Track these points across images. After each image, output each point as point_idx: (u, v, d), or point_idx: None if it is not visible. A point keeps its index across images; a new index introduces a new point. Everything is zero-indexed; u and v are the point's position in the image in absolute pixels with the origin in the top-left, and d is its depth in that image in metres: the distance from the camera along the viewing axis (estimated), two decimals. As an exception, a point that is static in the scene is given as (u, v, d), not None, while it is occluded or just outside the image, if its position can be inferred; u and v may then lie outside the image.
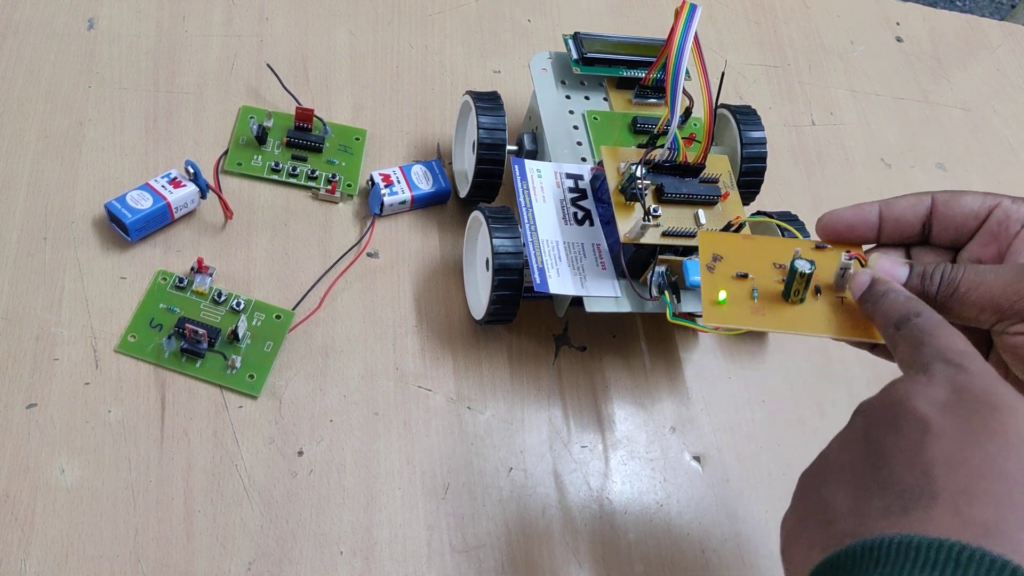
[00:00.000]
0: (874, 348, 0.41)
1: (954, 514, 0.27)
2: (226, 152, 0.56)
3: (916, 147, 0.70)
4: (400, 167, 0.57)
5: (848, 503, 0.30)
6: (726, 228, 0.47)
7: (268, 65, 0.60)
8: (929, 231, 0.39)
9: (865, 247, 0.40)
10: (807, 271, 0.38)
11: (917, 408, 0.30)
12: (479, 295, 0.52)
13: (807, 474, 0.34)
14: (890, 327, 0.35)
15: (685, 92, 0.48)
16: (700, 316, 0.40)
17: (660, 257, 0.47)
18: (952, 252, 0.39)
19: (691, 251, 0.47)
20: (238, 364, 0.48)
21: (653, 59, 0.54)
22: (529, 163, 0.51)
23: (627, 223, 0.47)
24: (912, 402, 0.30)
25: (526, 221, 0.49)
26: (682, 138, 0.48)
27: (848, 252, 0.38)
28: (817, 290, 0.39)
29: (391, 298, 0.53)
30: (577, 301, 0.49)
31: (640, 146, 0.51)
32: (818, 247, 0.40)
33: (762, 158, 0.54)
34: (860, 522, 0.29)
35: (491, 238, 0.48)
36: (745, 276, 0.39)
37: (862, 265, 0.38)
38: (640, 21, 0.71)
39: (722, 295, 0.39)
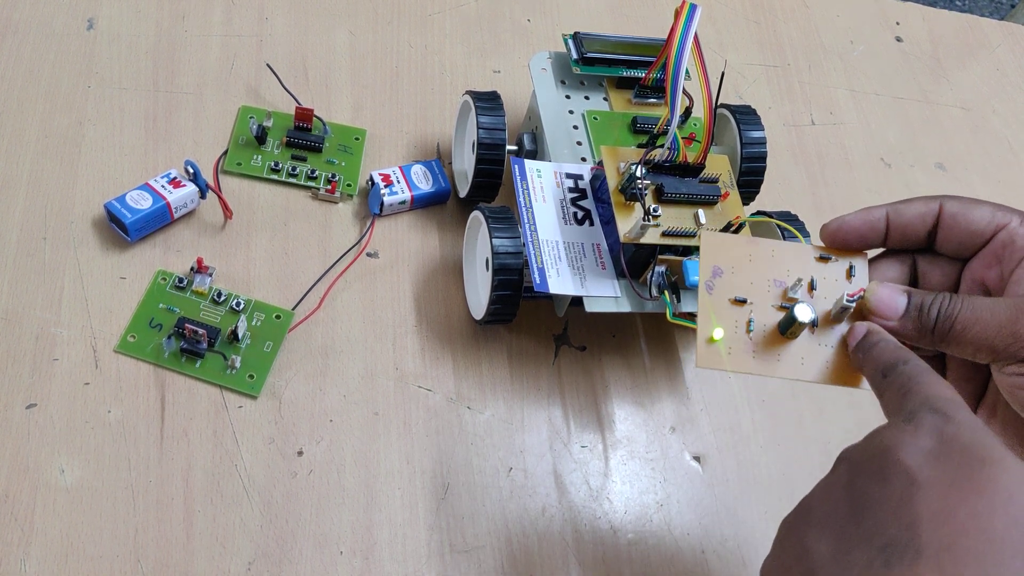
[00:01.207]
0: None
1: (938, 572, 0.27)
2: (226, 152, 0.56)
3: (916, 147, 0.70)
4: (400, 167, 0.57)
5: (830, 553, 0.30)
6: (726, 228, 0.47)
7: (268, 65, 0.60)
8: (934, 239, 0.38)
9: (870, 253, 0.40)
10: (806, 321, 0.37)
11: (903, 459, 0.30)
12: (479, 295, 0.52)
13: (789, 520, 0.33)
14: (877, 375, 0.34)
15: (685, 92, 0.48)
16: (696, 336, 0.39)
17: (660, 257, 0.47)
18: (958, 263, 0.38)
19: (691, 251, 0.47)
20: (238, 364, 0.48)
21: (653, 59, 0.54)
22: (529, 163, 0.51)
23: (627, 223, 0.47)
24: (898, 452, 0.30)
25: (526, 221, 0.49)
26: (682, 138, 0.48)
27: (850, 295, 0.38)
28: (814, 323, 0.38)
29: (391, 298, 0.53)
30: (577, 301, 0.49)
31: (640, 146, 0.51)
32: (822, 258, 0.39)
33: (762, 158, 0.54)
34: (841, 574, 0.29)
35: (491, 238, 0.48)
36: (743, 302, 0.39)
37: (863, 300, 0.38)
38: (640, 21, 0.71)
39: (718, 333, 0.38)
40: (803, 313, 0.37)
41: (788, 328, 0.38)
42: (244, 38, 0.62)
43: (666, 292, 0.47)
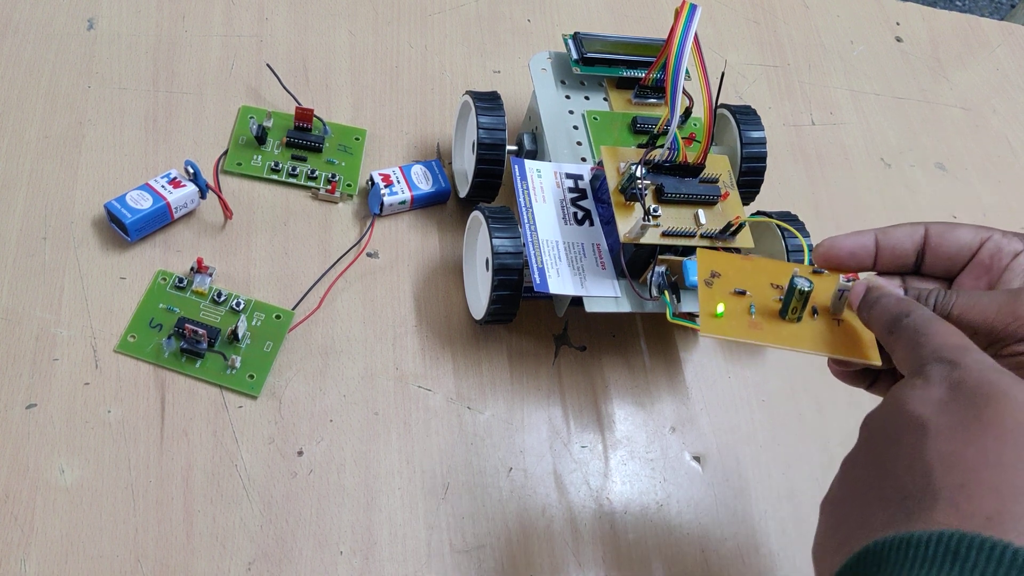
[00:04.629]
0: (871, 386, 0.41)
1: (954, 511, 0.27)
2: (226, 152, 0.56)
3: (916, 147, 0.70)
4: (400, 167, 0.57)
5: (858, 519, 0.30)
6: (725, 229, 0.47)
7: (268, 65, 0.60)
8: (922, 261, 0.39)
9: (862, 275, 0.41)
10: (806, 288, 0.38)
11: (914, 411, 0.30)
12: (479, 295, 0.52)
13: (826, 501, 0.34)
14: (885, 331, 0.35)
15: (685, 92, 0.48)
16: (699, 316, 0.40)
17: (660, 257, 0.47)
18: (945, 282, 0.40)
19: (691, 251, 0.47)
20: (238, 364, 0.48)
21: (653, 59, 0.54)
22: (529, 163, 0.51)
23: (627, 223, 0.47)
24: (909, 406, 0.30)
25: (526, 221, 0.49)
26: (682, 138, 0.48)
27: (846, 276, 0.38)
28: (814, 311, 0.39)
29: (391, 298, 0.53)
30: (577, 301, 0.49)
31: (640, 146, 0.51)
32: (816, 272, 0.40)
33: (762, 158, 0.54)
34: (867, 535, 0.29)
35: (491, 238, 0.48)
36: (743, 293, 0.40)
37: None
38: (640, 21, 0.71)
39: (720, 308, 0.39)
40: (802, 283, 0.38)
41: (789, 306, 0.38)
42: (244, 38, 0.62)
43: (666, 292, 0.47)
